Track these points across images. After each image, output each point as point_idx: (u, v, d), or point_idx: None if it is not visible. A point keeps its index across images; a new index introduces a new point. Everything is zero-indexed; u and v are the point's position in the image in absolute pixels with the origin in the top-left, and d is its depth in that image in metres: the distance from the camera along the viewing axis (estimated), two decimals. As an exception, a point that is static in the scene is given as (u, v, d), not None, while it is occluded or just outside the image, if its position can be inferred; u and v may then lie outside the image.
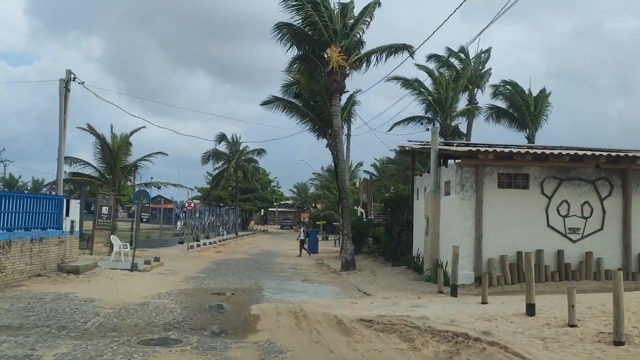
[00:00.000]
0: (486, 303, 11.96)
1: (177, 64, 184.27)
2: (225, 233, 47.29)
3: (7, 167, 68.43)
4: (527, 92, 28.97)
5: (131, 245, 20.42)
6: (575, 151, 15.07)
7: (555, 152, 14.89)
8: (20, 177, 75.31)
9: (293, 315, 10.95)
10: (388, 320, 10.02)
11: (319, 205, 68.83)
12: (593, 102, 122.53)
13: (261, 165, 62.52)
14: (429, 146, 18.36)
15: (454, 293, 13.54)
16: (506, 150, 15.04)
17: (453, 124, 28.32)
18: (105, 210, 23.01)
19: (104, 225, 23.15)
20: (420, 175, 20.48)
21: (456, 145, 18.23)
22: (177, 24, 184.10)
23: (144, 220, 48.33)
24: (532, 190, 15.54)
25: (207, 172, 64.19)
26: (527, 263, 10.54)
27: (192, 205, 38.75)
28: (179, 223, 37.33)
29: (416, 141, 21.34)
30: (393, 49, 22.38)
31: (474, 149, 15.03)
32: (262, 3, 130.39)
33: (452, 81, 28.00)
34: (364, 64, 22.51)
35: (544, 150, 15.03)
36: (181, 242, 31.86)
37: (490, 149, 14.98)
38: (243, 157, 57.26)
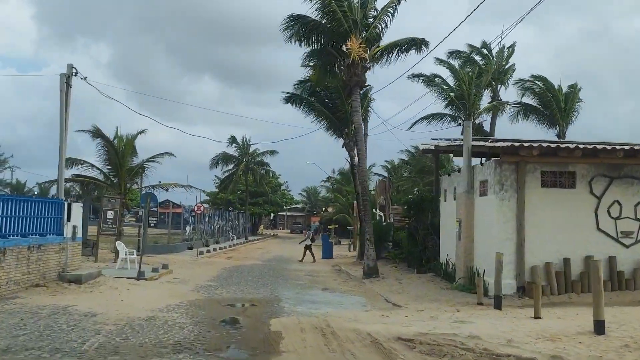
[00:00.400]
0: (539, 318, 10.56)
1: (185, 68, 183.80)
2: (235, 238, 46.09)
3: (14, 172, 67.55)
4: (556, 87, 27.46)
5: (138, 251, 19.17)
6: (630, 146, 13.52)
7: (608, 147, 13.36)
8: (25, 182, 74.44)
9: (319, 332, 9.67)
10: (432, 340, 8.65)
11: (329, 209, 67.54)
12: (599, 104, 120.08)
13: (271, 168, 61.18)
14: (458, 143, 16.93)
15: (497, 305, 12.08)
16: (552, 145, 13.55)
17: (477, 121, 26.83)
18: (110, 214, 21.83)
19: (110, 231, 21.99)
20: (449, 175, 18.99)
21: (491, 141, 16.75)
22: (184, 29, 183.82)
23: (152, 225, 47.16)
24: (580, 190, 13.99)
25: (216, 176, 63.20)
26: (594, 272, 9.08)
27: (202, 209, 37.49)
28: (188, 228, 36.04)
29: (440, 139, 19.94)
30: (414, 43, 21.29)
31: (516, 144, 13.52)
32: (268, 6, 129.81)
33: (475, 77, 26.62)
34: (385, 57, 21.18)
35: (596, 146, 13.51)
36: (190, 248, 30.60)
37: (535, 144, 13.48)
38: (253, 160, 56.18)
